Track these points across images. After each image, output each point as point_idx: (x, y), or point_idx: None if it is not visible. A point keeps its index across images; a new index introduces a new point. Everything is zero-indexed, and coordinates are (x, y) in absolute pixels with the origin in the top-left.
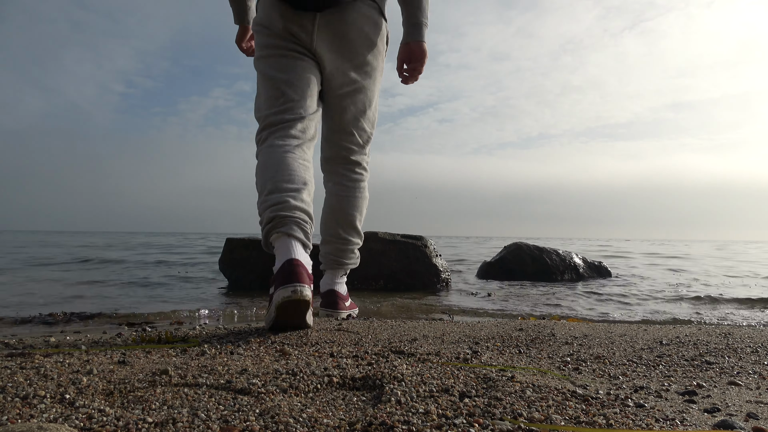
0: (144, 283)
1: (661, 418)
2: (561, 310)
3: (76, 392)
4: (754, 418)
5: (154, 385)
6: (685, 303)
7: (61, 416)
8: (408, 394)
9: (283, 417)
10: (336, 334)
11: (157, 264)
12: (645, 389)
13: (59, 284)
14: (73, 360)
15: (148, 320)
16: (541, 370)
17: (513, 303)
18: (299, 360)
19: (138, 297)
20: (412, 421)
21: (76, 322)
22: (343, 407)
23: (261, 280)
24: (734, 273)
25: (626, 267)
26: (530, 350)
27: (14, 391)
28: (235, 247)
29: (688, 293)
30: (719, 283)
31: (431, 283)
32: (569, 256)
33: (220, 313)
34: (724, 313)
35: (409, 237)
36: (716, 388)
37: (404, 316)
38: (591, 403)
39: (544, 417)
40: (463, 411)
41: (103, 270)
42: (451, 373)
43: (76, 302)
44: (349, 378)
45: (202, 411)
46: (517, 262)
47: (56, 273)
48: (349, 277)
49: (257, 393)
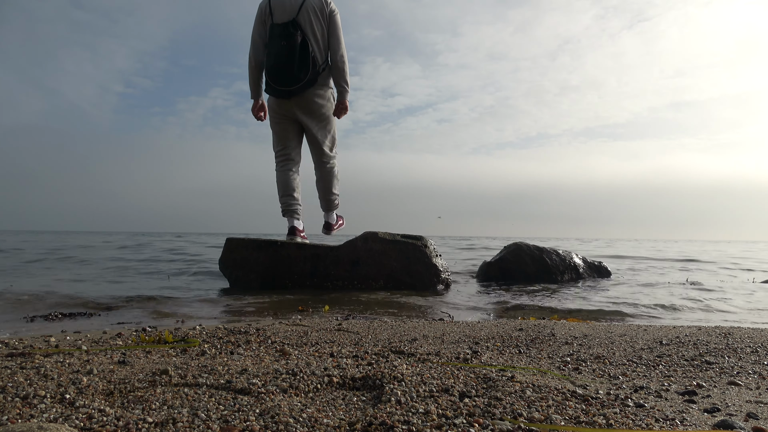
0: (144, 282)
1: (661, 418)
2: (561, 310)
3: (76, 392)
4: (754, 418)
5: (154, 385)
6: (684, 302)
7: (61, 416)
8: (408, 394)
9: (283, 417)
10: (336, 334)
11: (157, 264)
12: (645, 389)
13: (59, 283)
14: (73, 360)
15: (149, 320)
16: (541, 370)
17: (512, 303)
18: (299, 360)
19: (138, 296)
20: (412, 421)
21: (76, 321)
22: (343, 407)
23: (261, 280)
24: (734, 272)
25: (626, 267)
26: (530, 350)
27: (14, 391)
28: (235, 247)
29: (687, 293)
30: (718, 284)
31: (431, 283)
32: (569, 256)
33: (219, 312)
34: (720, 319)
35: (409, 237)
36: (716, 388)
37: (404, 316)
38: (591, 403)
39: (544, 417)
40: (463, 411)
41: (103, 270)
42: (451, 373)
43: (75, 302)
44: (349, 378)
45: (202, 411)
46: (517, 262)
47: (57, 272)
48: (349, 278)
49: (257, 393)
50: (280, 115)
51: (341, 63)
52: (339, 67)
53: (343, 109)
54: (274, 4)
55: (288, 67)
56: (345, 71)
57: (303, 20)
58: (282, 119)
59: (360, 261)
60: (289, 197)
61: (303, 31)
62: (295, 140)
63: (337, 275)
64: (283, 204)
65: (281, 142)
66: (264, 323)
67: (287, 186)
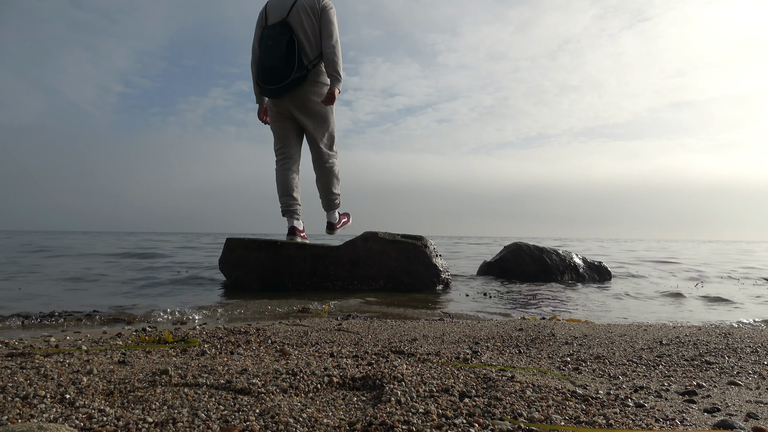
0: (144, 282)
1: (661, 418)
2: (561, 310)
3: (76, 392)
4: (754, 418)
5: (154, 385)
6: (683, 304)
7: (61, 416)
8: (408, 394)
9: (283, 417)
10: (336, 334)
11: (157, 264)
12: (645, 389)
13: (59, 281)
14: (73, 360)
15: (149, 319)
16: (541, 370)
17: (512, 303)
18: (299, 360)
19: (138, 296)
20: (412, 421)
21: (75, 320)
22: (343, 407)
23: (261, 280)
24: (734, 272)
25: (626, 267)
26: (530, 350)
27: (14, 391)
28: (235, 247)
29: (686, 294)
30: (717, 286)
31: (431, 283)
32: (569, 256)
33: (220, 312)
34: (719, 317)
35: (409, 237)
36: (716, 388)
37: (404, 316)
38: (591, 403)
39: (544, 417)
40: (463, 411)
41: (103, 269)
42: (451, 373)
43: (76, 300)
44: (349, 378)
45: (202, 411)
46: (517, 262)
47: (57, 271)
48: (349, 278)
49: (257, 393)
50: (277, 114)
51: (331, 53)
52: (329, 57)
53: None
54: (269, 8)
55: (274, 67)
56: (335, 61)
57: (293, 20)
58: (279, 118)
59: (360, 261)
60: (288, 197)
61: (293, 30)
62: (294, 139)
63: (337, 275)
64: (283, 204)
65: (280, 141)
66: (264, 323)
67: (286, 186)
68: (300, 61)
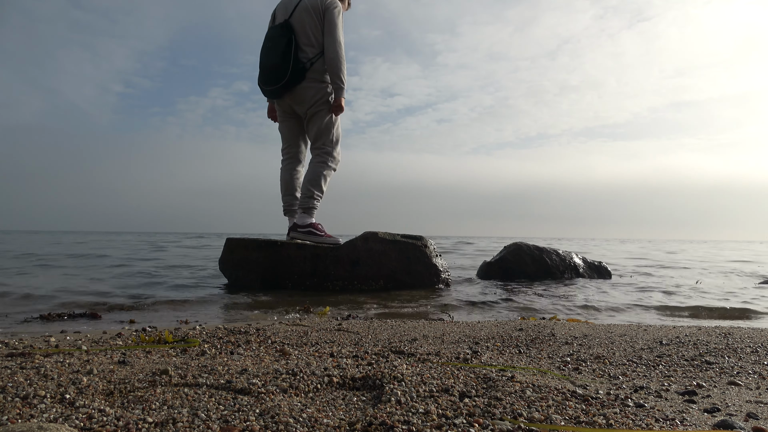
0: (144, 282)
1: (661, 418)
2: (561, 310)
3: (76, 392)
4: (754, 418)
5: (154, 385)
6: (681, 303)
7: (61, 416)
8: (408, 394)
9: (283, 417)
10: (336, 334)
11: (157, 263)
12: (645, 389)
13: (59, 281)
14: (73, 360)
15: (148, 319)
16: (541, 370)
17: (512, 303)
18: (299, 360)
19: (138, 296)
20: (412, 421)
21: (75, 320)
22: (343, 407)
23: (261, 280)
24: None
25: (626, 267)
26: (530, 350)
27: (14, 391)
28: (235, 247)
29: (685, 294)
30: (718, 286)
31: (431, 283)
32: (569, 256)
33: (219, 312)
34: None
35: (409, 237)
36: (716, 388)
37: (404, 316)
38: (591, 403)
39: (544, 417)
40: (463, 411)
41: (102, 269)
42: (451, 373)
43: (76, 299)
44: (349, 378)
45: (202, 411)
46: (517, 262)
47: (57, 270)
48: (349, 278)
49: (257, 393)
50: (282, 114)
51: (333, 60)
52: (331, 63)
53: (338, 107)
54: (278, 9)
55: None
56: (338, 68)
57: (295, 20)
58: (285, 118)
59: (360, 261)
60: (290, 197)
61: (294, 31)
62: (299, 138)
63: (337, 275)
64: (285, 203)
65: (286, 141)
66: (264, 323)
67: (289, 185)
68: (297, 61)
